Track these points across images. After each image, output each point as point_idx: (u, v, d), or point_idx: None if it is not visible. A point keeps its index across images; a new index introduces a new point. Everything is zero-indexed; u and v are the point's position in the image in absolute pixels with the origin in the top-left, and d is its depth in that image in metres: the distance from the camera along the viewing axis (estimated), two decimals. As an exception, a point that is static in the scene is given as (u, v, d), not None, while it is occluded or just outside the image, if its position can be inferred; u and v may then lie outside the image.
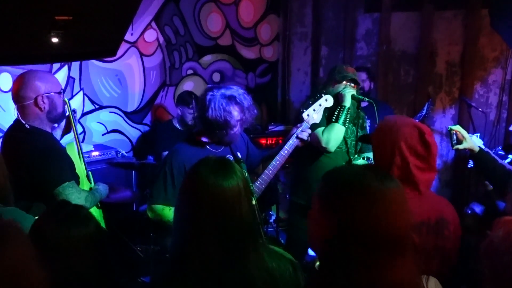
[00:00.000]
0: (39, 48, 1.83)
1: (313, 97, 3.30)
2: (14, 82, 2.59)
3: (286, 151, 2.79)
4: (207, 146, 2.74)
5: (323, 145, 3.12)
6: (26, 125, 2.52)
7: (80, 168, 2.77)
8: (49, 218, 1.59)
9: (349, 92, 3.16)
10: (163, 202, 2.63)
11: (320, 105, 2.92)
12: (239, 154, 2.81)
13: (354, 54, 5.30)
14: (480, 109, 4.46)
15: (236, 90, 2.66)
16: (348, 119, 3.18)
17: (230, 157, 2.75)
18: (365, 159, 3.28)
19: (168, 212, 2.62)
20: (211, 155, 1.61)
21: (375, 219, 1.19)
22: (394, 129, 2.04)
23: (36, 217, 2.22)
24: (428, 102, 4.29)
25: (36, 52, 1.91)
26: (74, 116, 2.89)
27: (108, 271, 1.61)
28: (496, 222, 1.50)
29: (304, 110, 2.91)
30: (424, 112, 4.13)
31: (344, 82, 3.26)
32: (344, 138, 3.28)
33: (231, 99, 2.61)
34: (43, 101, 2.51)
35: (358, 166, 1.34)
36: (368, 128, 4.03)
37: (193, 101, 4.25)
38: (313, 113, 2.89)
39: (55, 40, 1.80)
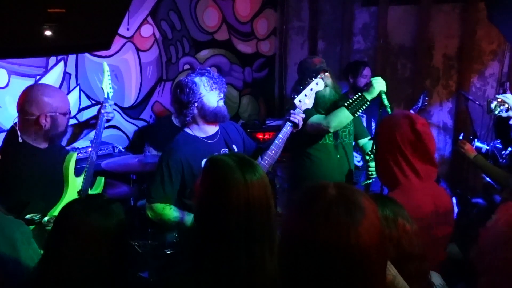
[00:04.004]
0: (32, 41, 1.81)
1: (302, 82, 3.23)
2: (22, 92, 2.52)
3: (280, 140, 2.73)
4: (200, 139, 2.72)
5: (325, 124, 3.04)
6: (19, 138, 2.46)
7: (73, 181, 2.64)
8: (79, 205, 1.62)
9: (380, 85, 2.89)
10: (162, 201, 2.61)
11: (311, 89, 2.85)
12: (234, 147, 2.79)
13: (351, 48, 5.29)
14: (477, 102, 4.45)
15: (200, 68, 2.77)
16: (360, 111, 3.02)
17: (226, 150, 2.74)
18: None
19: (169, 211, 2.60)
20: (223, 153, 1.59)
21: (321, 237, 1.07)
22: (391, 122, 2.11)
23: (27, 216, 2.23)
24: (423, 93, 4.29)
25: (29, 45, 1.90)
26: (101, 117, 2.73)
27: (122, 266, 1.63)
28: (499, 209, 1.48)
29: (296, 96, 2.85)
30: (419, 104, 4.12)
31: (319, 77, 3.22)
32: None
33: (195, 73, 2.68)
34: (45, 120, 2.46)
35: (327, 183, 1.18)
36: (364, 123, 4.03)
37: None
38: (305, 98, 2.82)
39: (48, 33, 1.78)
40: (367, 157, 3.13)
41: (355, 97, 2.96)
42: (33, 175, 2.48)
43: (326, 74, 3.18)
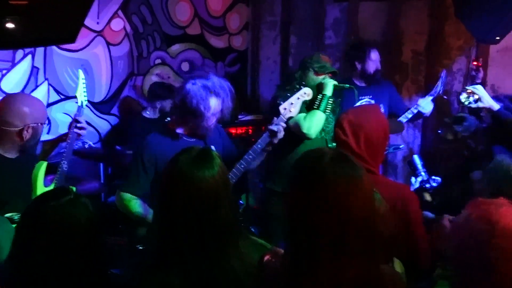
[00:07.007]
0: (-6, 34, 1.77)
1: (286, 86, 3.30)
2: (0, 102, 2.46)
3: (259, 146, 2.74)
4: (180, 135, 2.72)
5: (304, 131, 3.15)
6: None
7: (42, 191, 2.58)
8: (50, 199, 1.58)
9: (330, 81, 3.24)
10: (133, 192, 2.65)
11: (298, 98, 2.81)
12: (213, 147, 2.79)
13: (323, 43, 5.32)
14: (445, 96, 4.53)
15: (217, 81, 2.66)
16: (329, 108, 3.22)
17: None
18: None
19: (134, 205, 2.64)
20: (195, 146, 1.60)
21: (330, 206, 1.23)
22: None
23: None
24: (442, 76, 4.10)
25: (-9, 38, 1.85)
26: (73, 128, 2.66)
27: (95, 262, 1.60)
28: (470, 205, 1.51)
29: (282, 102, 2.82)
30: (439, 88, 4.01)
31: (324, 74, 3.31)
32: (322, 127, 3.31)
33: (211, 90, 2.61)
34: (27, 131, 2.42)
35: (323, 151, 1.35)
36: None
37: (167, 92, 4.23)
38: (291, 106, 2.77)
39: (10, 25, 1.74)
40: None
41: (319, 99, 3.17)
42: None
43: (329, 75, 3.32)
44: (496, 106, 2.85)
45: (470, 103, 2.89)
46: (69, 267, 1.50)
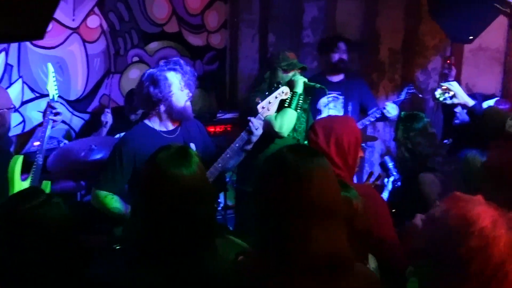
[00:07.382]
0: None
1: (256, 88, 3.30)
2: None
3: (237, 144, 2.74)
4: (159, 132, 2.70)
5: (276, 130, 3.15)
6: None
7: (19, 186, 2.60)
8: (23, 199, 1.57)
9: (301, 79, 3.23)
10: (109, 189, 2.61)
11: (276, 97, 2.83)
12: (192, 145, 2.77)
13: (301, 42, 5.34)
14: (420, 95, 4.60)
15: (172, 59, 2.69)
16: (299, 105, 3.22)
17: None
18: None
19: (110, 200, 2.60)
20: (173, 144, 1.60)
21: (298, 193, 1.31)
22: None
23: None
24: (407, 87, 4.21)
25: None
26: (48, 115, 2.68)
27: (73, 262, 1.59)
28: (447, 199, 1.53)
29: (260, 101, 2.84)
30: (402, 97, 4.12)
31: (293, 71, 3.31)
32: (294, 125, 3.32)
33: (169, 67, 2.62)
34: None
35: (289, 147, 1.42)
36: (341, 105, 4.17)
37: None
38: (269, 105, 2.79)
39: (-28, 21, 1.69)
40: None
41: (289, 96, 3.10)
42: None
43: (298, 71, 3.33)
44: (471, 102, 2.89)
45: (445, 99, 2.93)
46: (44, 268, 1.50)
